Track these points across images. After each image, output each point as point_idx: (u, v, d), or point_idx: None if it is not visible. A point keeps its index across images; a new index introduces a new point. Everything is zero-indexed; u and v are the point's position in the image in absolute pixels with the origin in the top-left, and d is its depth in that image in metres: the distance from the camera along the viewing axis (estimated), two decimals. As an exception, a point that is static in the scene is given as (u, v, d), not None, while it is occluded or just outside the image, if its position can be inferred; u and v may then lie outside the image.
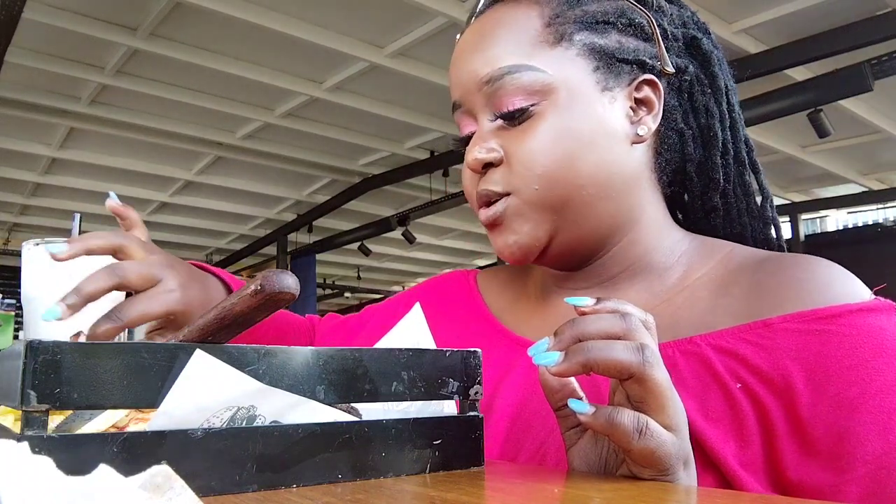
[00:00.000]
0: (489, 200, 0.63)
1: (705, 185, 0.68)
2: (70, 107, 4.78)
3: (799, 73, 4.03)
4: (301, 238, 7.72)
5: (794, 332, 0.54)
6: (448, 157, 5.62)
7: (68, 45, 3.98)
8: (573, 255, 0.65)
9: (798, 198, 6.63)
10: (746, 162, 0.68)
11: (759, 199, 0.70)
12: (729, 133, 0.67)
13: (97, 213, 7.07)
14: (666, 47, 0.64)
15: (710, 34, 0.69)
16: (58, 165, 6.01)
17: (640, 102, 0.63)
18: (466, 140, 0.66)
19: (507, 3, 0.65)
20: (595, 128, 0.60)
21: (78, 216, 0.70)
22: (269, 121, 5.05)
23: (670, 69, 0.63)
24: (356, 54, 4.02)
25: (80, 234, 0.67)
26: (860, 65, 3.62)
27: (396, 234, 6.86)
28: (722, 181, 0.67)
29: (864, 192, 6.32)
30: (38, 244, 0.64)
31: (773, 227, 0.70)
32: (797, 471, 0.51)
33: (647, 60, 0.63)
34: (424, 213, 6.52)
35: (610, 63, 0.62)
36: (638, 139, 0.62)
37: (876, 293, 0.57)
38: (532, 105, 0.60)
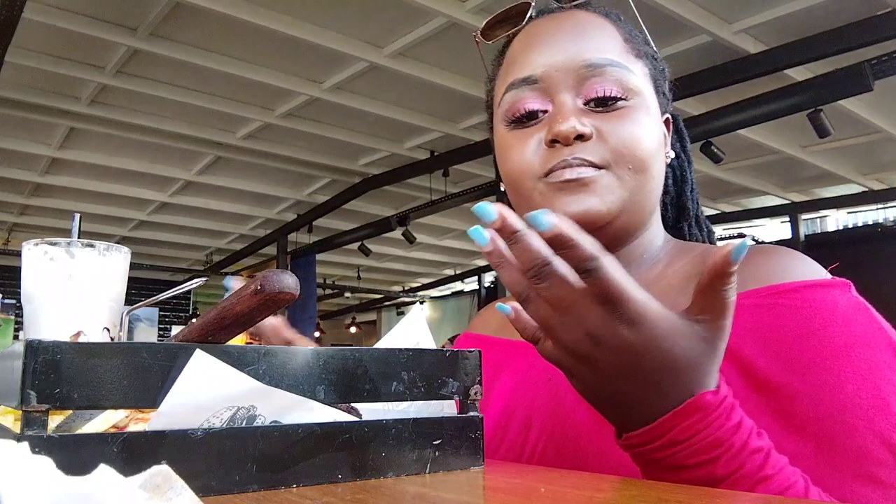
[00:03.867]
0: (581, 167, 0.65)
1: (677, 216, 0.80)
2: (70, 107, 4.78)
3: (799, 73, 4.03)
4: (301, 238, 7.72)
5: (750, 307, 0.59)
6: (448, 157, 5.62)
7: (68, 45, 3.98)
8: (620, 238, 0.70)
9: (798, 198, 6.63)
10: (698, 202, 0.82)
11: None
12: (691, 176, 0.80)
13: (97, 213, 7.10)
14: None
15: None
16: (58, 165, 6.01)
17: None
18: (521, 118, 0.68)
19: (586, 11, 0.72)
20: (659, 135, 0.70)
21: (78, 216, 0.70)
22: (269, 121, 5.05)
23: (670, 114, 0.75)
24: (356, 54, 4.02)
25: (79, 234, 0.67)
26: (860, 65, 3.62)
27: (396, 234, 6.85)
28: (691, 213, 0.80)
29: (864, 192, 6.32)
30: (38, 244, 0.64)
31: None
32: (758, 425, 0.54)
33: (669, 101, 0.75)
34: (424, 213, 6.52)
35: (660, 92, 0.72)
36: (667, 159, 0.73)
37: (831, 272, 0.62)
38: (624, 98, 0.66)
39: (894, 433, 0.54)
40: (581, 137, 0.65)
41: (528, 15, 0.74)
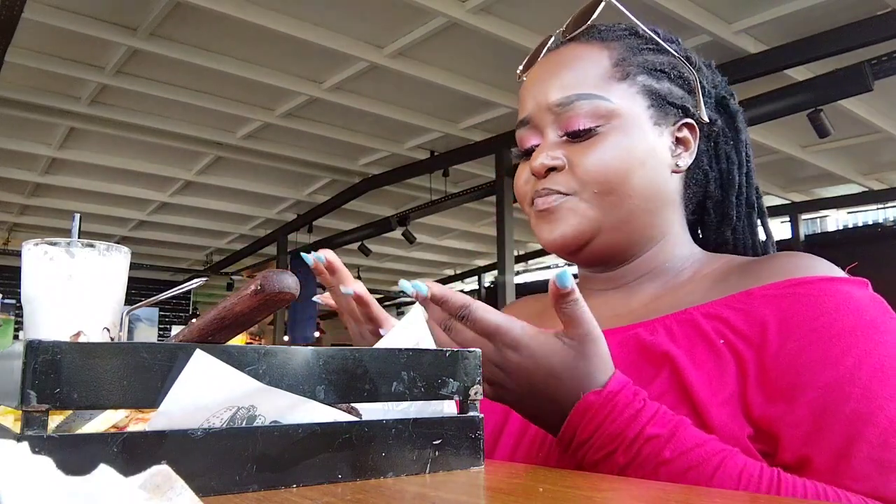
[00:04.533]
0: (548, 196, 0.73)
1: (720, 220, 0.81)
2: (70, 107, 4.78)
3: (799, 73, 4.03)
4: (301, 238, 7.71)
5: (770, 297, 0.65)
6: (448, 156, 5.62)
7: (68, 45, 3.98)
8: (607, 256, 0.76)
9: (798, 198, 6.63)
10: (755, 205, 0.82)
11: (763, 238, 0.83)
12: (744, 179, 0.80)
13: (97, 213, 7.10)
14: (703, 101, 0.77)
15: (735, 97, 0.83)
16: (58, 165, 6.01)
17: (679, 141, 0.76)
18: (526, 152, 0.77)
19: (581, 42, 0.76)
20: (647, 151, 0.72)
21: (78, 216, 0.70)
22: (269, 121, 5.05)
23: (705, 118, 0.76)
24: (356, 54, 4.02)
25: (79, 234, 0.67)
26: (860, 65, 3.61)
27: (396, 234, 6.85)
28: (735, 219, 0.80)
29: (864, 192, 6.31)
30: (38, 244, 0.64)
31: None
32: (758, 410, 0.61)
33: (690, 108, 0.76)
34: (424, 213, 6.52)
35: (661, 104, 0.74)
36: (677, 169, 0.75)
37: (849, 272, 0.67)
38: (597, 126, 0.71)
39: (891, 401, 0.57)
40: (554, 169, 0.73)
41: (542, 53, 0.80)
